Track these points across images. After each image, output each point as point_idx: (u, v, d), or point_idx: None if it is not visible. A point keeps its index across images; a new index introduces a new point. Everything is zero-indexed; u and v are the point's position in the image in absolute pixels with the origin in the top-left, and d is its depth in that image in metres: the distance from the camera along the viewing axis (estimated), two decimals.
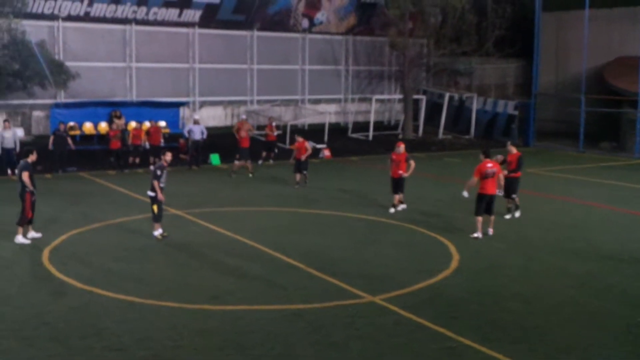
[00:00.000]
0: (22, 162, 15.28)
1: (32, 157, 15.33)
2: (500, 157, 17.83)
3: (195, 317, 10.68)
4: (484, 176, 15.77)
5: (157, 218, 15.36)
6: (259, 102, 36.16)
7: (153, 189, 15.18)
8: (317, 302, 11.29)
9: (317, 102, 38.26)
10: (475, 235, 15.76)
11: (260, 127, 32.54)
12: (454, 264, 13.70)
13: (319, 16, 37.61)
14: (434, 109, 38.56)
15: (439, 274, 12.93)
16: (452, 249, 14.79)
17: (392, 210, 18.73)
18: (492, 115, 37.24)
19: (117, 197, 20.60)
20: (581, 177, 25.25)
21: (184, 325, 10.31)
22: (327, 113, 36.11)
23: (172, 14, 32.80)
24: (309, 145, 23.39)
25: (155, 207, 15.23)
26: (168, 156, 15.56)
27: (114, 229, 16.46)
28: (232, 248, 14.84)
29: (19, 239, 15.03)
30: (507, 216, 18.03)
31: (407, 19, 35.80)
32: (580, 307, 11.33)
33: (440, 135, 36.95)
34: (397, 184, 18.78)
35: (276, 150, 28.88)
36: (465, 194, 16.23)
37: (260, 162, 27.91)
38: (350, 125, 36.94)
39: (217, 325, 10.34)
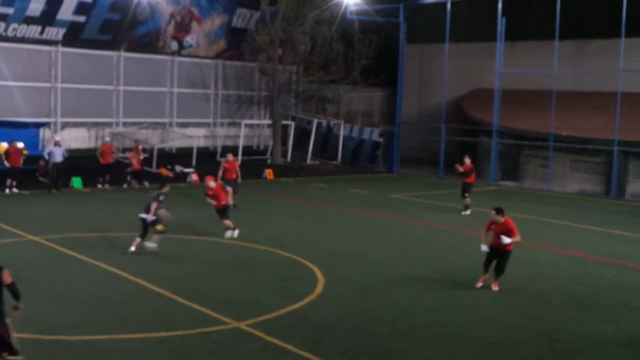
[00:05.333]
0: None
1: None
2: (459, 168, 23.32)
3: (52, 348, 10.20)
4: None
5: (160, 232, 16.11)
6: (124, 124, 35.34)
7: (148, 211, 15.98)
8: (181, 330, 11.07)
9: (185, 125, 37.86)
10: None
11: (125, 150, 31.76)
12: (319, 288, 13.84)
13: (189, 39, 37.36)
14: (302, 135, 39.12)
15: (305, 299, 13.01)
16: (318, 273, 14.96)
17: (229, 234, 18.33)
18: (359, 141, 38.20)
19: None
20: (441, 203, 26.28)
21: (41, 357, 9.82)
22: (195, 137, 35.76)
23: (33, 30, 31.56)
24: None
25: (159, 227, 16.07)
26: (167, 188, 16.74)
27: None
28: (93, 275, 14.33)
29: None
30: (464, 212, 23.25)
31: (276, 46, 36.23)
32: (439, 328, 11.73)
33: (308, 161, 37.48)
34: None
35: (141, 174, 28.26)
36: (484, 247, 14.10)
37: (125, 185, 27.22)
38: (219, 150, 36.75)
39: (76, 356, 9.92)
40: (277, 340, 10.74)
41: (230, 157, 23.84)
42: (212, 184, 18.41)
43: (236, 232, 18.31)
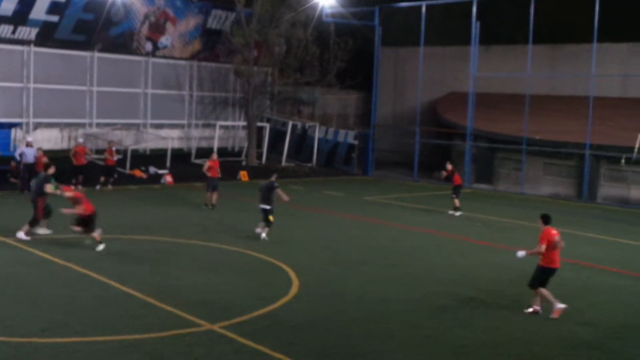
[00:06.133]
0: (42, 174, 17.97)
1: (50, 170, 17.99)
2: (443, 173, 24.86)
3: (23, 351, 10.03)
4: (553, 247, 13.25)
5: (269, 224, 18.38)
6: (98, 125, 34.99)
7: (269, 203, 18.27)
8: (154, 332, 10.96)
9: (159, 126, 37.58)
10: (532, 309, 12.96)
11: (99, 151, 31.47)
12: (294, 290, 13.80)
13: (163, 40, 37.09)
14: (277, 137, 39.04)
15: (279, 300, 12.97)
16: (292, 275, 14.91)
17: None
18: (334, 144, 38.21)
19: None
20: (415, 205, 26.37)
21: None
22: (169, 138, 35.54)
23: (5, 30, 31.13)
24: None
25: (271, 217, 18.29)
26: (275, 176, 19.95)
27: None
28: (65, 277, 14.15)
29: (21, 235, 17.19)
30: (450, 212, 24.13)
31: (252, 47, 36.14)
32: (415, 330, 11.74)
33: (283, 163, 37.41)
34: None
35: (115, 175, 28.04)
36: (522, 253, 13.49)
37: (98, 187, 26.96)
38: (193, 151, 36.57)
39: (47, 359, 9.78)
40: (250, 342, 10.68)
41: (214, 156, 24.56)
42: (68, 194, 17.32)
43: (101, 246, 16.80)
